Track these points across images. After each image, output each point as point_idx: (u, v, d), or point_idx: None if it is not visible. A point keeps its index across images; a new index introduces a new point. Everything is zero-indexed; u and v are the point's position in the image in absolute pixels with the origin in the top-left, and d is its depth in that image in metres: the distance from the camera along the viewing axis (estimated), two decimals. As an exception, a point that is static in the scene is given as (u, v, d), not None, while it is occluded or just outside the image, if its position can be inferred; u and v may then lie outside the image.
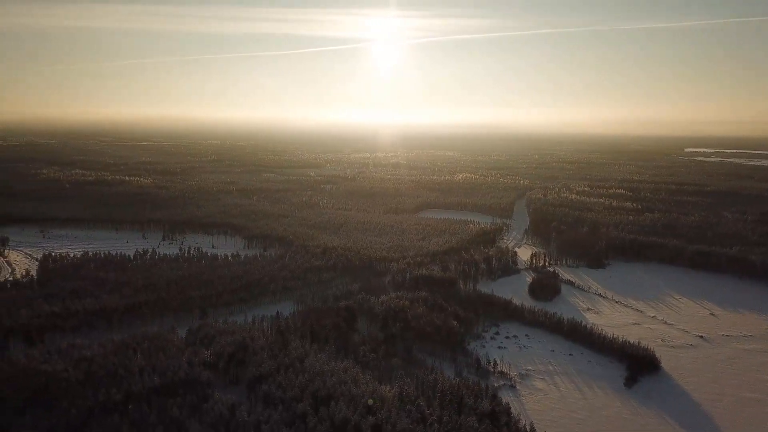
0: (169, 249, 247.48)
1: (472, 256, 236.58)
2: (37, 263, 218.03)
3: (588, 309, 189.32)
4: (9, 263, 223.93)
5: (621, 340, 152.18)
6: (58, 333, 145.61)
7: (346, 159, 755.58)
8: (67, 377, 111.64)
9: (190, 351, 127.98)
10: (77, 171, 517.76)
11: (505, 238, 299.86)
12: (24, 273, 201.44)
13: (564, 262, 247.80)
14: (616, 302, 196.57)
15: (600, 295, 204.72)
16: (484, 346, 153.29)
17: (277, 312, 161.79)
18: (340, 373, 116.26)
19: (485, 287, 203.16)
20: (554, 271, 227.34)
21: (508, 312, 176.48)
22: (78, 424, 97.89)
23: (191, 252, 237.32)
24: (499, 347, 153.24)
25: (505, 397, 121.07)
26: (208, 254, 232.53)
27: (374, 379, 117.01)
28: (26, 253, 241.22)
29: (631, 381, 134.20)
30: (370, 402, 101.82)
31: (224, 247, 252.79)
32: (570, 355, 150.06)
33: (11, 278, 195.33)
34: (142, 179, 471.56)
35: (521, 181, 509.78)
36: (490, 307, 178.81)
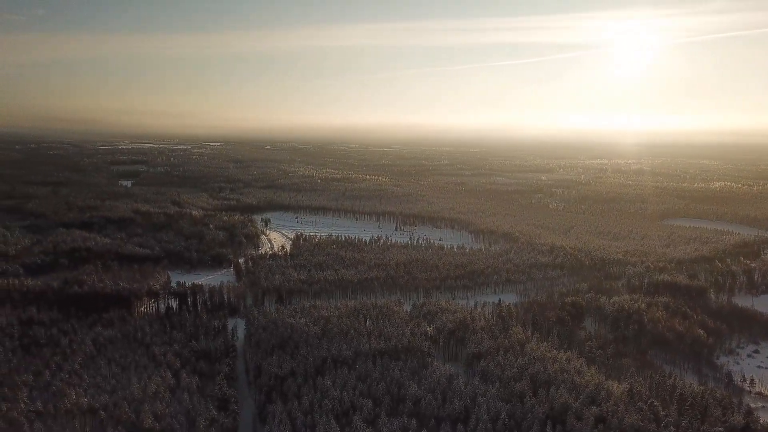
0: (400, 237, 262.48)
1: (728, 266, 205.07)
2: (290, 241, 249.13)
3: None
4: (269, 240, 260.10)
5: None
6: (302, 295, 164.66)
7: (581, 165, 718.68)
8: (307, 331, 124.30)
9: (413, 323, 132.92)
10: (327, 170, 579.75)
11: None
12: (280, 247, 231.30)
13: None
14: None
15: None
16: (738, 363, 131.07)
17: (499, 300, 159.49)
18: (563, 362, 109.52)
19: (743, 301, 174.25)
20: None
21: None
22: (313, 371, 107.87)
23: (419, 241, 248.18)
24: (759, 366, 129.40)
25: (765, 418, 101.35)
26: (435, 244, 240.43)
27: (600, 373, 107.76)
28: (283, 233, 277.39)
29: None
30: None
31: (450, 240, 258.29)
32: None
33: (270, 251, 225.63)
34: (380, 178, 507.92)
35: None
36: (747, 322, 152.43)
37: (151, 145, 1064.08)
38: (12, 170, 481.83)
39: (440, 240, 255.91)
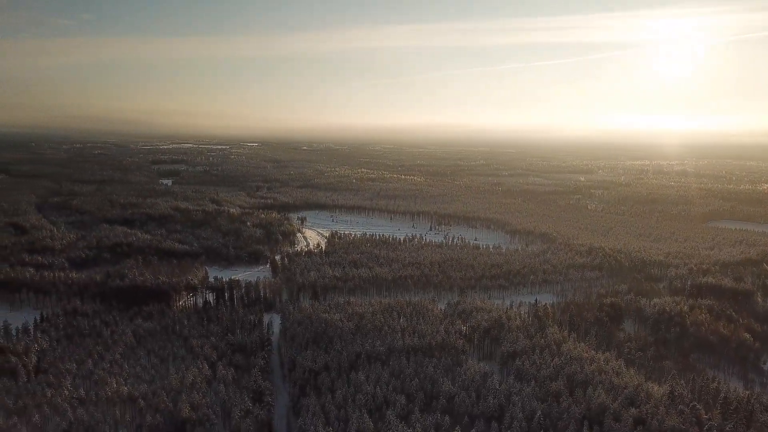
0: (434, 237, 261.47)
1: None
2: (325, 239, 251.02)
3: None
4: (305, 237, 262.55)
5: None
6: (337, 292, 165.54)
7: (622, 166, 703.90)
8: (341, 326, 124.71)
9: (447, 321, 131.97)
10: (363, 170, 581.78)
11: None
12: (315, 245, 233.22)
13: None
14: None
15: None
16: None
17: (536, 300, 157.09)
18: (601, 362, 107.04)
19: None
20: None
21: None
22: (347, 365, 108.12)
23: (454, 240, 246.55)
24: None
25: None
26: (470, 244, 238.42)
27: (640, 375, 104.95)
28: (318, 232, 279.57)
29: None
30: None
31: (486, 240, 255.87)
32: None
33: (306, 249, 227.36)
34: (415, 178, 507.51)
35: None
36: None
37: (190, 145, 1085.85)
38: (59, 169, 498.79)
39: (476, 240, 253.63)
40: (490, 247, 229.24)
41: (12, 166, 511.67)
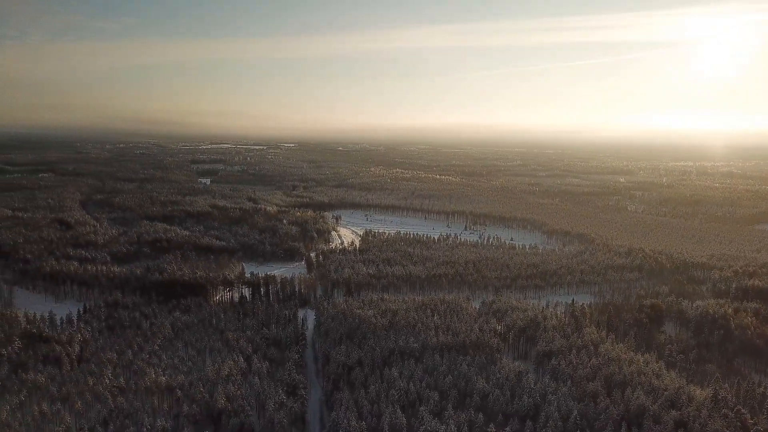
0: (469, 237, 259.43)
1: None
2: (359, 237, 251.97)
3: None
4: (339, 236, 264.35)
5: None
6: (371, 289, 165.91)
7: (664, 167, 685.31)
8: (374, 322, 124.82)
9: (482, 319, 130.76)
10: (397, 170, 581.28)
11: None
12: (349, 243, 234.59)
13: None
14: None
15: None
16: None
17: (573, 300, 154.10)
18: (640, 363, 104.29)
19: None
20: None
21: None
22: (380, 361, 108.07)
23: (490, 240, 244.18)
24: None
25: None
26: (506, 244, 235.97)
27: (681, 377, 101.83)
28: (352, 230, 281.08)
29: None
30: None
31: (522, 240, 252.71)
32: None
33: (340, 246, 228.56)
34: (450, 178, 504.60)
35: None
36: None
37: (228, 145, 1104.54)
38: (102, 168, 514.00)
39: (512, 240, 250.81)
40: (527, 247, 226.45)
41: (58, 165, 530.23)
